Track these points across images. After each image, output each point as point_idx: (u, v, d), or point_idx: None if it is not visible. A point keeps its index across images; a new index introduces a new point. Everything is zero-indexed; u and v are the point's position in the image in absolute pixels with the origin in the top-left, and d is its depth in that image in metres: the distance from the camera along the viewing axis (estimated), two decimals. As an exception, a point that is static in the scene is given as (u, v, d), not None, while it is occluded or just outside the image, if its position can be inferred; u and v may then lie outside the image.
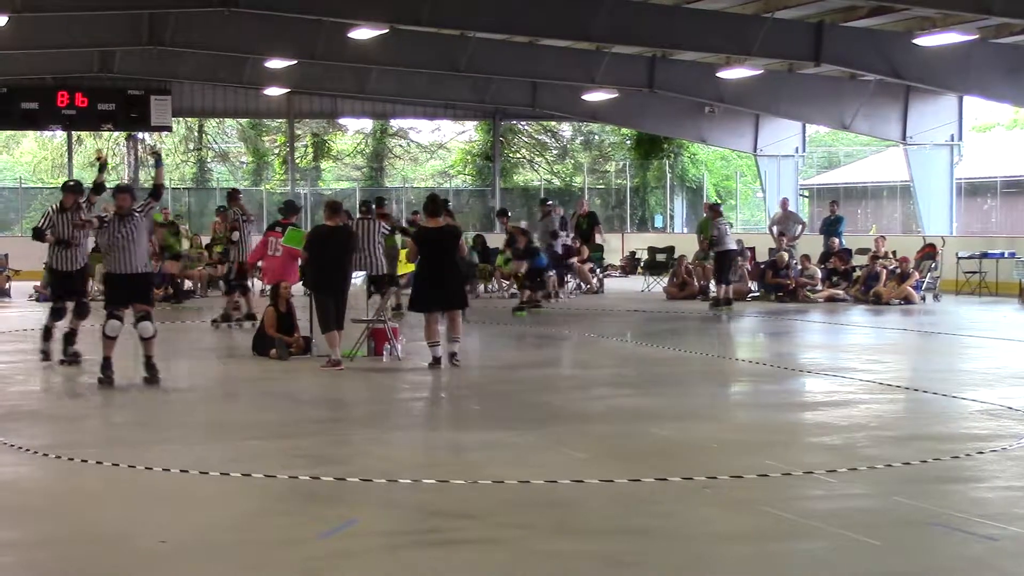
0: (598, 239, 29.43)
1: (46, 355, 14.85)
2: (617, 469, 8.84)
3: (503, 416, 11.38)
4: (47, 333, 14.98)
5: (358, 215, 19.80)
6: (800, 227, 28.72)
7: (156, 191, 13.93)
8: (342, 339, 14.77)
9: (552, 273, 24.92)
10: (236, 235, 19.70)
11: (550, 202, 27.53)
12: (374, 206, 20.46)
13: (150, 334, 13.17)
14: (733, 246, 24.02)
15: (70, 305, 14.93)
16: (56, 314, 14.95)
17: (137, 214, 13.33)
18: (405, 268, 17.00)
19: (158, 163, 14.97)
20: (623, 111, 37.16)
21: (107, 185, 15.23)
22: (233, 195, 20.70)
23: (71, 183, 15.26)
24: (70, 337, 14.84)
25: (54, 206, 14.84)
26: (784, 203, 30.12)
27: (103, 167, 15.10)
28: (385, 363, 15.03)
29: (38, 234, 14.85)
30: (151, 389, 12.77)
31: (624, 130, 44.58)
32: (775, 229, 28.30)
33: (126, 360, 13.85)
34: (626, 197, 42.86)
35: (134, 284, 13.33)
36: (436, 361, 14.53)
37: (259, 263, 18.68)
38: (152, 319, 13.32)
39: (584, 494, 8.21)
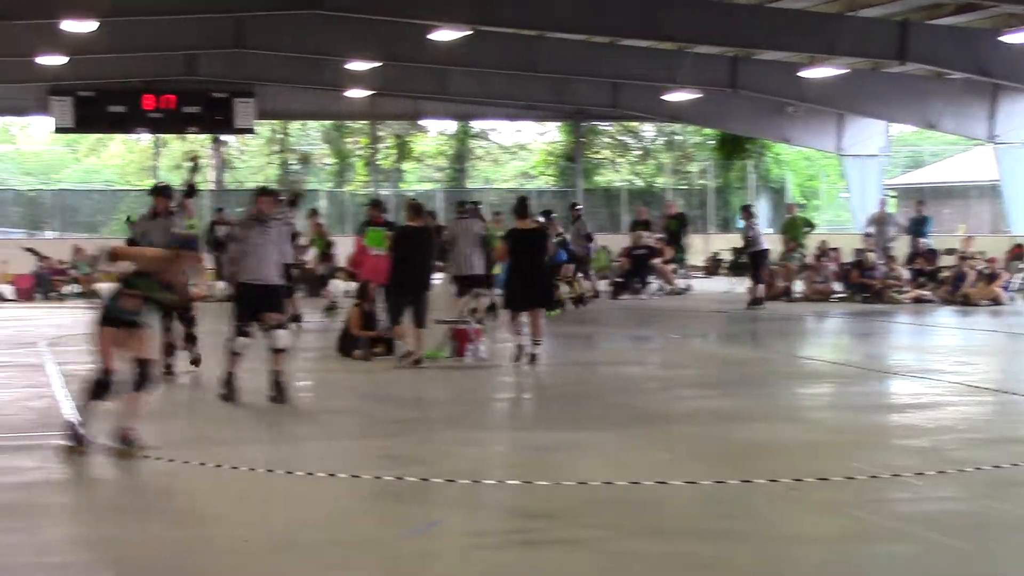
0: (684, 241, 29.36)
1: (168, 369, 13.66)
2: (701, 470, 8.79)
3: (586, 416, 11.35)
4: (168, 349, 13.84)
5: (455, 216, 19.74)
6: (895, 228, 28.36)
7: (296, 199, 13.64)
8: (425, 340, 14.92)
9: (581, 275, 24.81)
10: None
11: (579, 206, 27.68)
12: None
13: (283, 344, 12.24)
14: (767, 246, 24.44)
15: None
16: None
17: (276, 220, 12.55)
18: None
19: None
20: (705, 111, 36.97)
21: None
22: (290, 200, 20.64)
23: (161, 186, 14.60)
24: (190, 339, 14.05)
25: (144, 213, 14.38)
26: (883, 203, 29.88)
27: (196, 168, 14.62)
28: (468, 364, 15.06)
29: (131, 245, 13.91)
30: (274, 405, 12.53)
31: (706, 130, 44.36)
32: (869, 229, 28.00)
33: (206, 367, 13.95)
34: (709, 198, 42.65)
35: (266, 295, 12.34)
36: (519, 349, 14.80)
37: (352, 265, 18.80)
38: (286, 329, 12.65)
39: (668, 495, 8.18)
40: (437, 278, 16.28)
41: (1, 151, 72.55)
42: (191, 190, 14.34)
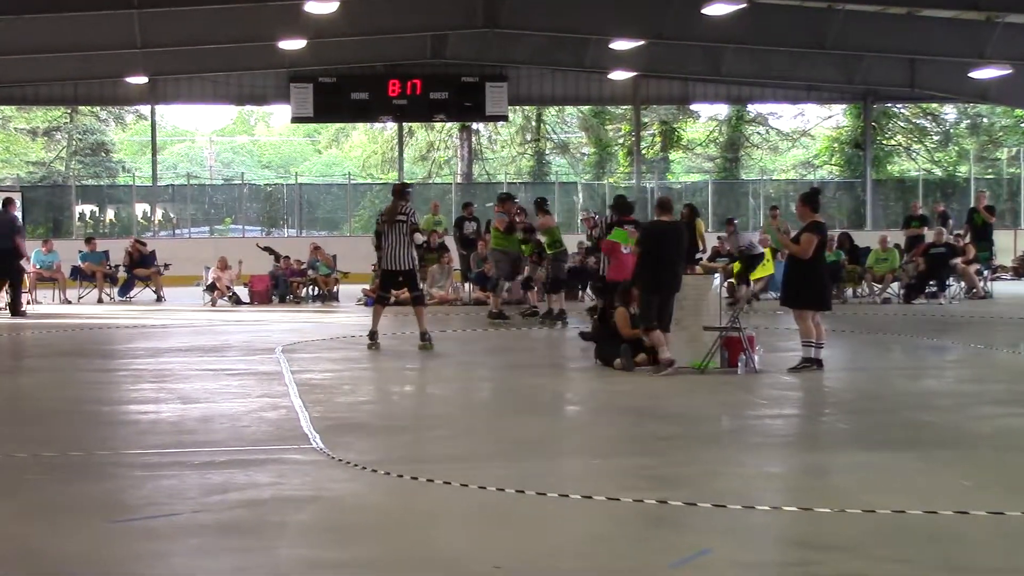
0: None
1: None
2: (1009, 500, 8.54)
3: (874, 436, 11.15)
4: None
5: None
6: None
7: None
8: (670, 343, 15.10)
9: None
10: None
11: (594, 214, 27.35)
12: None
13: None
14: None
15: None
16: None
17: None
18: (756, 273, 16.80)
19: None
20: (1017, 89, 35.96)
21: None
22: (402, 191, 18.79)
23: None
24: None
25: None
26: None
27: None
28: (740, 375, 14.94)
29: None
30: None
31: (1018, 111, 43.13)
32: None
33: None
34: (1020, 188, 41.45)
35: None
36: (807, 362, 15.01)
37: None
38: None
39: (969, 527, 7.97)
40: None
41: (239, 143, 75.24)
42: None
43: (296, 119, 39.17)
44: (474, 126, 47.60)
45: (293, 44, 32.12)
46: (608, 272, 18.92)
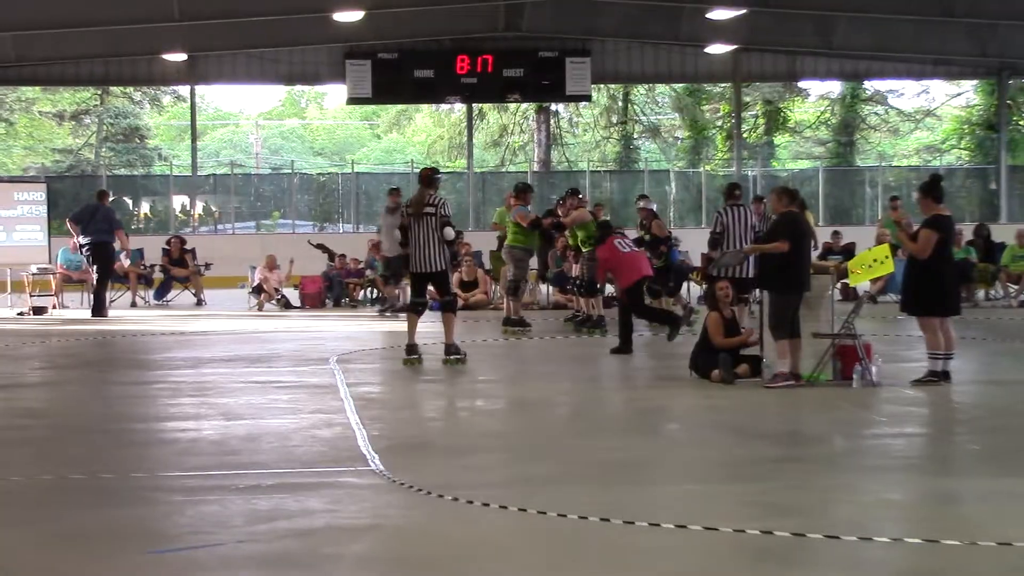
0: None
1: None
2: None
3: (1012, 459, 11.07)
4: None
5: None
6: None
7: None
8: (801, 352, 15.03)
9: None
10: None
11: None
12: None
13: None
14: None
15: None
16: None
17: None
18: (873, 273, 16.62)
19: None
20: None
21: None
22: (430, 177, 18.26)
23: None
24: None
25: None
26: None
27: None
28: (855, 389, 14.85)
29: None
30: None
31: None
32: None
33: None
34: None
35: None
36: (932, 376, 14.91)
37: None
38: None
39: (1121, 563, 7.90)
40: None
41: (288, 127, 75.53)
42: None
43: (352, 100, 39.29)
44: (553, 107, 47.65)
45: (349, 16, 32.22)
46: (620, 281, 18.93)
